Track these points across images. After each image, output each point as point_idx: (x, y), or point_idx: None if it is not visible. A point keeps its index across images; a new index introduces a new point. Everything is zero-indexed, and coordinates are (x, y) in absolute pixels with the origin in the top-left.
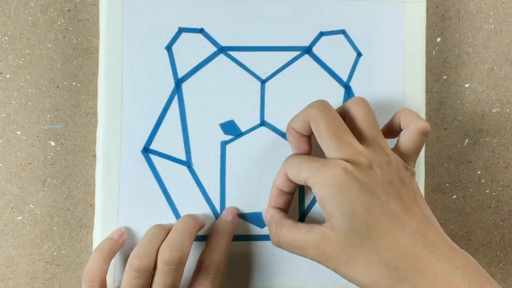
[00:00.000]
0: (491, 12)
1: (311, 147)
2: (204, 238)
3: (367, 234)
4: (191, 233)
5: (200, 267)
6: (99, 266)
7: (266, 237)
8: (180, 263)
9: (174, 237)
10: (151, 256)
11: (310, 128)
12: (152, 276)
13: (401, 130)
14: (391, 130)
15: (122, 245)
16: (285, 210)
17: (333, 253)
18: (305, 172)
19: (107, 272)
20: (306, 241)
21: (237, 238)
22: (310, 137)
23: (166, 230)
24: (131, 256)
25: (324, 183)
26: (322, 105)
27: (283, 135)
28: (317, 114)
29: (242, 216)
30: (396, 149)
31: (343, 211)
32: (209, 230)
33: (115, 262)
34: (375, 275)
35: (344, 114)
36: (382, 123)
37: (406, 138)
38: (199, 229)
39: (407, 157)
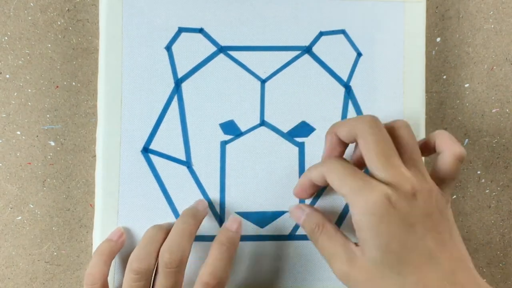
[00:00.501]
0: (491, 12)
1: (343, 155)
2: (205, 238)
3: (397, 269)
4: (191, 233)
5: (199, 279)
6: (100, 268)
7: (266, 237)
8: (180, 265)
9: (174, 238)
10: (151, 258)
11: (354, 139)
12: (153, 278)
13: (434, 151)
14: (424, 150)
15: (121, 245)
16: (311, 197)
17: (357, 278)
18: (346, 189)
19: (108, 273)
20: (337, 254)
21: None
22: (346, 145)
23: (165, 231)
24: (130, 258)
25: (364, 209)
26: (374, 122)
27: (283, 135)
28: (367, 130)
29: (242, 215)
30: (432, 175)
31: (378, 243)
32: (212, 241)
33: (115, 263)
34: None
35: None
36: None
37: (443, 164)
38: (200, 223)
39: (443, 183)
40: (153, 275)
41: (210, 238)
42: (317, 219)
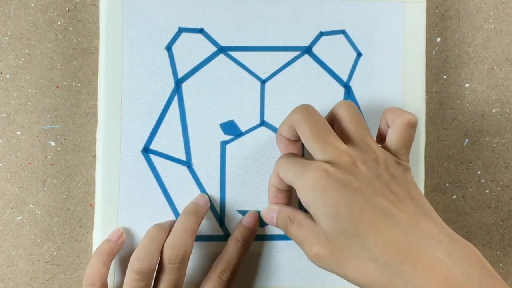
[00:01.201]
0: (491, 12)
1: (300, 152)
2: (205, 238)
3: (353, 233)
4: (193, 229)
5: (214, 271)
6: (99, 269)
7: (266, 237)
8: (183, 261)
9: (176, 235)
10: (152, 258)
11: (296, 133)
12: (156, 275)
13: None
14: (383, 134)
15: (121, 246)
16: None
17: (325, 256)
18: (290, 176)
19: (107, 274)
20: (306, 239)
21: None
22: (298, 142)
23: (167, 229)
24: (132, 258)
25: (306, 187)
26: (305, 109)
27: None
28: (300, 118)
29: (242, 215)
30: (385, 146)
31: (326, 213)
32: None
33: (115, 263)
34: (367, 273)
35: (332, 118)
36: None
37: (393, 133)
38: (202, 219)
39: (398, 152)
40: (156, 271)
41: (210, 238)
42: (287, 213)
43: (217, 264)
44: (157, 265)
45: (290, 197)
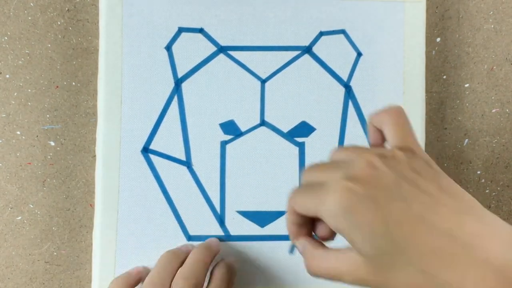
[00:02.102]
0: (491, 12)
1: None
2: (204, 238)
3: (395, 250)
4: (206, 263)
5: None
6: None
7: (266, 237)
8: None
9: (189, 266)
10: (165, 283)
11: (303, 216)
12: None
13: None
14: (377, 141)
15: (138, 281)
16: (311, 233)
17: (368, 278)
18: (312, 207)
19: None
20: (340, 270)
21: (237, 238)
22: (310, 232)
23: (180, 257)
24: (145, 283)
25: (333, 213)
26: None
27: (283, 135)
28: (307, 172)
29: (242, 215)
30: (393, 145)
31: (362, 235)
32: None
33: (115, 265)
34: (416, 284)
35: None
36: None
37: (390, 131)
38: (214, 257)
39: (407, 146)
40: None
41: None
42: (308, 249)
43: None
44: None
45: (311, 228)
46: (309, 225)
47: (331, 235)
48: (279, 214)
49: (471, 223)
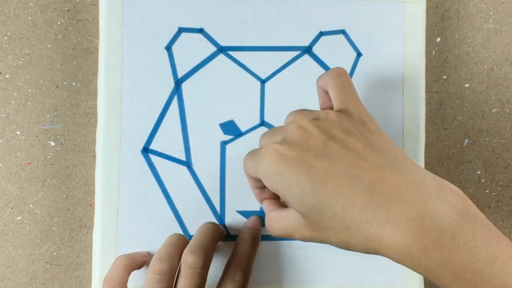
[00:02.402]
0: (491, 12)
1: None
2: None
3: (321, 206)
4: (214, 238)
5: (226, 274)
6: (120, 274)
7: (266, 237)
8: (204, 266)
9: (197, 240)
10: (173, 258)
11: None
12: (176, 280)
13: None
14: (326, 103)
15: (142, 264)
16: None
17: (309, 235)
18: (251, 169)
19: (127, 281)
20: (290, 228)
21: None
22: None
23: (186, 238)
24: (152, 260)
25: (266, 175)
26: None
27: None
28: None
29: (242, 215)
30: (335, 108)
31: (292, 194)
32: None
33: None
34: (345, 239)
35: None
36: (382, 123)
37: (333, 91)
38: (221, 238)
39: (346, 105)
40: (176, 277)
41: None
42: (266, 212)
43: (228, 267)
44: (177, 271)
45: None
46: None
47: (276, 195)
48: None
49: (391, 175)
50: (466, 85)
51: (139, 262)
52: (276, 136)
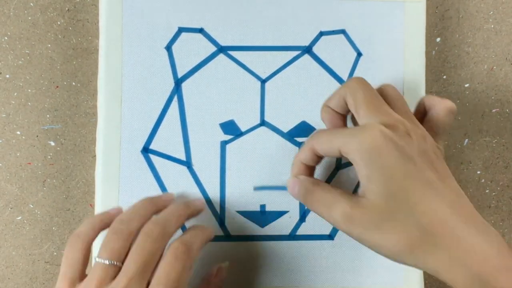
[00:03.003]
0: (491, 12)
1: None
2: None
3: (404, 198)
4: (180, 215)
5: (170, 246)
6: (87, 231)
7: (266, 237)
8: (161, 237)
9: (163, 215)
10: (132, 224)
11: (346, 106)
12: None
13: (426, 112)
14: (417, 115)
15: (97, 235)
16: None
17: (363, 217)
18: (339, 141)
19: (94, 239)
20: (338, 201)
21: (237, 238)
22: (345, 117)
23: (156, 204)
24: (114, 220)
25: (361, 148)
26: (360, 80)
27: (283, 135)
28: (355, 86)
29: (242, 215)
30: (425, 126)
31: (381, 174)
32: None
33: None
34: (410, 239)
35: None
36: None
37: (436, 115)
38: (192, 213)
39: (436, 135)
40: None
41: None
42: (312, 180)
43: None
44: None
45: (313, 173)
46: (312, 170)
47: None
48: (279, 214)
49: (467, 205)
50: (466, 85)
51: (110, 221)
52: (378, 115)
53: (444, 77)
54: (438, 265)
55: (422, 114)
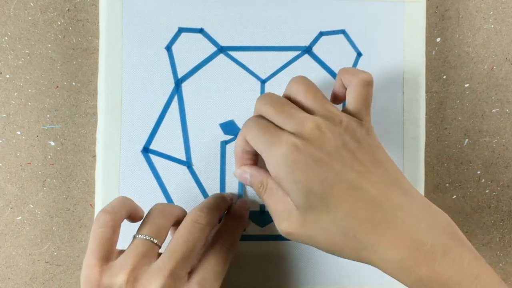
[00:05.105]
0: (491, 12)
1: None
2: None
3: (323, 208)
4: (219, 205)
5: (215, 241)
6: (117, 208)
7: (266, 237)
8: (207, 224)
9: (205, 203)
10: (174, 208)
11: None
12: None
13: (345, 89)
14: (339, 95)
15: (139, 218)
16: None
17: (294, 230)
18: (260, 146)
19: (124, 218)
20: (278, 212)
21: None
22: (255, 158)
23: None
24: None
25: (276, 162)
26: (265, 95)
27: None
28: (262, 103)
29: None
30: (346, 109)
31: (297, 189)
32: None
33: None
34: (338, 244)
35: (289, 97)
36: (382, 123)
37: (352, 93)
38: (226, 208)
39: (359, 113)
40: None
41: None
42: (260, 178)
43: (216, 236)
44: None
45: (257, 158)
46: (254, 156)
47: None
48: None
49: (394, 193)
50: (466, 85)
51: (139, 215)
52: (290, 122)
53: (444, 77)
54: (367, 259)
55: (342, 90)
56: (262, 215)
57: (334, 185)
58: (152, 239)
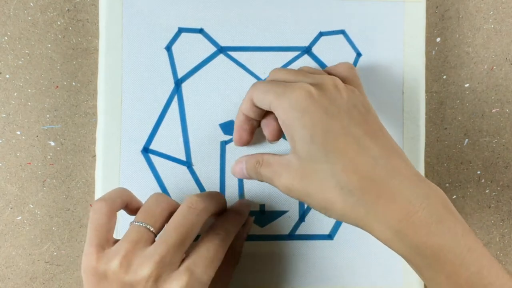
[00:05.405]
0: (491, 12)
1: (251, 138)
2: None
3: (324, 159)
4: (218, 201)
5: (210, 229)
6: (114, 197)
7: (266, 237)
8: (203, 210)
9: (203, 194)
10: (172, 200)
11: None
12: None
13: None
14: None
15: (135, 209)
16: (250, 138)
17: (293, 183)
18: (271, 96)
19: (120, 208)
20: (276, 172)
21: None
22: (253, 129)
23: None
24: (139, 211)
25: (287, 107)
26: (278, 68)
27: (283, 135)
28: (279, 70)
29: None
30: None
31: (302, 135)
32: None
33: None
34: (330, 198)
35: None
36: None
37: (340, 75)
38: (222, 207)
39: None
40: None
41: None
42: (255, 158)
43: (212, 226)
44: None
45: (254, 130)
46: (255, 122)
47: (276, 136)
48: (279, 214)
49: (395, 157)
50: (466, 85)
51: (137, 206)
52: (308, 78)
53: (444, 77)
54: (358, 219)
55: None
56: (262, 215)
57: (338, 137)
58: (147, 225)
